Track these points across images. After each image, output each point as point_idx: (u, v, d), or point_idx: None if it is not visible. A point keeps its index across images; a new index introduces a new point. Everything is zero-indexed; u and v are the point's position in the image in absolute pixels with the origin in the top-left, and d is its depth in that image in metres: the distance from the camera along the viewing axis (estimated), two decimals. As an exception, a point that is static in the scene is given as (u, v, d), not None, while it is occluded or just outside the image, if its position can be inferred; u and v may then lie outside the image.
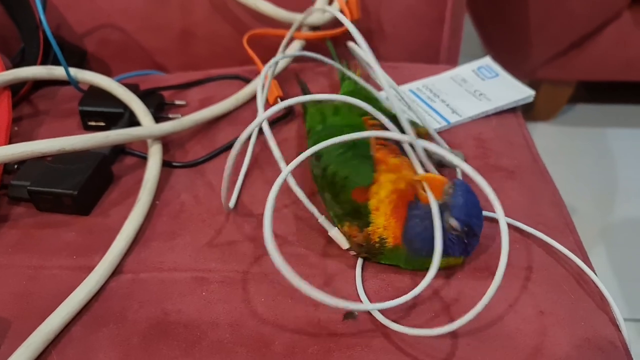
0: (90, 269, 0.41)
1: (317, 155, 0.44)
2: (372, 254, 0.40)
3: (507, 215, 0.45)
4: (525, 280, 0.41)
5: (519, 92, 0.58)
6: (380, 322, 0.37)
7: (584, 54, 1.09)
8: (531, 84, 1.22)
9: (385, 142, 0.43)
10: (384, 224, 0.39)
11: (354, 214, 0.40)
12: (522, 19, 1.06)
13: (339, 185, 0.41)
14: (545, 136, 1.21)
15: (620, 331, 0.39)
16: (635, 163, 1.14)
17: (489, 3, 1.16)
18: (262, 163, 0.51)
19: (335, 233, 0.42)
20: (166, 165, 0.51)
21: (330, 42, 0.61)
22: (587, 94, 1.30)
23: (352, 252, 0.42)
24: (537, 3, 1.03)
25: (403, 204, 0.39)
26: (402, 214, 0.39)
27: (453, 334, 0.37)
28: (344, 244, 0.42)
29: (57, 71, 0.54)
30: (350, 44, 0.54)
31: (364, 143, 0.43)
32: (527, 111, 1.24)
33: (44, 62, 0.60)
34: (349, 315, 0.38)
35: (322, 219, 0.42)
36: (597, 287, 0.41)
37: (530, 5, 1.04)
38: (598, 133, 1.21)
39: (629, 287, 0.91)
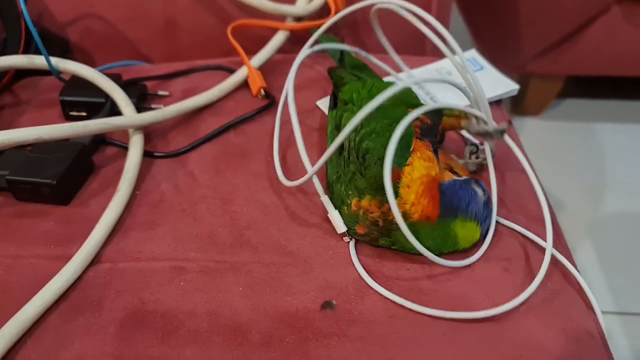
0: (68, 258, 0.41)
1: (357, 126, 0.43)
2: (382, 231, 0.40)
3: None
4: (503, 271, 0.41)
5: (503, 85, 0.58)
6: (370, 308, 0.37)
7: (573, 49, 1.09)
8: (521, 79, 1.24)
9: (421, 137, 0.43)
10: (412, 200, 0.39)
11: (379, 189, 0.40)
12: (512, 12, 1.06)
13: (370, 160, 0.41)
14: (534, 130, 1.22)
15: (598, 322, 0.39)
16: (623, 158, 1.14)
17: (478, -3, 1.16)
18: (246, 154, 0.51)
19: (335, 214, 0.42)
20: (148, 155, 0.50)
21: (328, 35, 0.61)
22: (576, 89, 1.30)
23: (346, 238, 0.42)
24: (526, -3, 1.03)
25: (434, 187, 0.40)
26: (434, 194, 0.40)
27: (424, 324, 0.37)
28: (340, 227, 0.42)
29: (38, 60, 0.53)
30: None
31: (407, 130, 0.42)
32: (517, 105, 1.25)
33: (26, 52, 0.59)
34: (326, 305, 0.38)
35: (324, 198, 0.42)
36: (575, 278, 0.41)
37: (519, 0, 1.04)
38: (587, 128, 1.22)
39: (616, 280, 0.91)
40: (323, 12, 0.62)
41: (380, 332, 0.37)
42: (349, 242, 0.42)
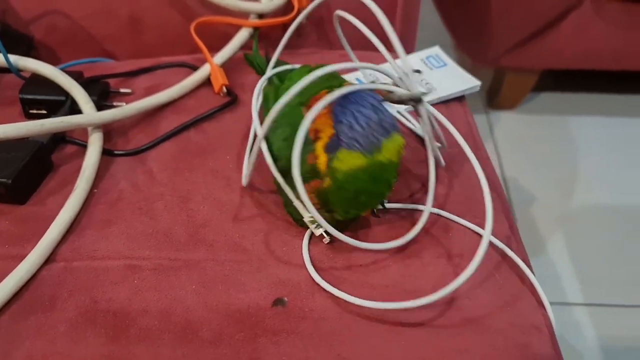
0: (22, 257, 0.41)
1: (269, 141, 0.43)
2: (321, 196, 0.40)
3: (440, 203, 0.46)
4: (455, 267, 0.41)
5: (465, 81, 0.58)
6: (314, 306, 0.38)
7: (546, 43, 1.10)
8: (496, 73, 1.24)
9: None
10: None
11: (313, 174, 0.40)
12: (484, 7, 1.07)
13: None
14: (509, 124, 1.23)
15: (547, 315, 0.40)
16: (596, 150, 1.16)
17: (451, -9, 1.16)
18: (205, 152, 0.51)
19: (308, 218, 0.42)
20: (107, 153, 0.50)
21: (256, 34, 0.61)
22: (551, 82, 1.31)
23: (325, 240, 0.42)
24: (498, -9, 1.04)
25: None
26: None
27: (372, 321, 0.38)
28: (316, 230, 0.42)
29: (-3, 58, 0.53)
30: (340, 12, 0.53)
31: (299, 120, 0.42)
32: (493, 99, 1.26)
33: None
34: (278, 302, 0.39)
35: (296, 203, 0.42)
36: (524, 273, 0.42)
37: (492, -6, 1.04)
38: (561, 121, 1.23)
39: (586, 272, 0.93)
40: (287, 9, 0.63)
41: (330, 328, 0.37)
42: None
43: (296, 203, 0.42)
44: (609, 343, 0.84)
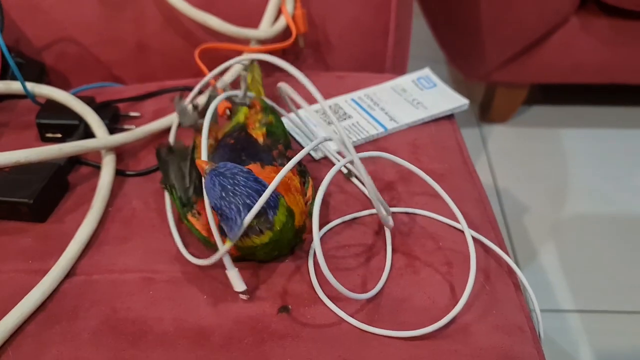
0: (45, 272, 0.44)
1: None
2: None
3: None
4: (445, 273, 0.45)
5: (453, 101, 0.62)
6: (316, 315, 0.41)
7: (535, 58, 1.14)
8: (488, 87, 1.28)
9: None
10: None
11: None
12: (474, 24, 1.11)
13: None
14: (501, 137, 1.26)
15: (530, 317, 0.43)
16: (586, 162, 1.19)
17: (442, 9, 1.20)
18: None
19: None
20: (120, 174, 0.54)
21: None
22: (542, 96, 1.35)
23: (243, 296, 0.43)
24: (487, 9, 1.08)
25: None
26: None
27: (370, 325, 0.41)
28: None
29: (14, 86, 0.57)
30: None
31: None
32: (484, 113, 1.29)
33: (3, 77, 0.63)
34: (283, 309, 0.42)
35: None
36: (516, 276, 0.45)
37: (481, 11, 1.08)
38: (552, 134, 1.27)
39: (577, 280, 0.96)
40: (285, 35, 0.66)
41: (331, 333, 0.40)
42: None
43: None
44: (600, 349, 0.87)
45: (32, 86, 0.57)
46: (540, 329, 0.46)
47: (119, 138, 0.54)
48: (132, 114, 0.61)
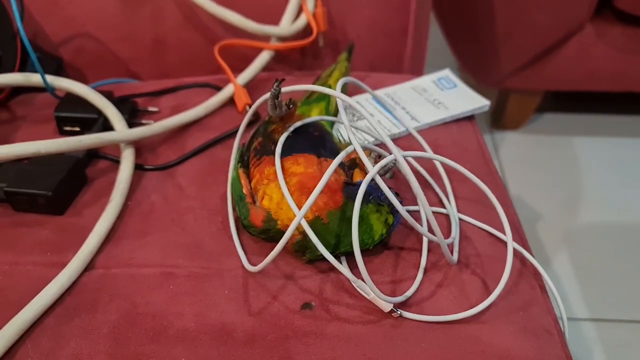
0: (63, 265, 0.43)
1: None
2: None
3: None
4: (471, 274, 0.44)
5: (474, 101, 0.61)
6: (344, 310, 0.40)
7: (549, 65, 1.13)
8: (501, 94, 1.28)
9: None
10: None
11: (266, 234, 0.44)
12: (489, 31, 1.10)
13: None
14: (514, 144, 1.26)
15: (557, 320, 0.42)
16: (599, 171, 1.18)
17: (456, 16, 1.20)
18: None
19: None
20: (138, 168, 0.53)
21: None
22: (555, 103, 1.34)
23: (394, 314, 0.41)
24: (502, 16, 1.07)
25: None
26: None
27: (394, 323, 0.40)
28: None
29: (34, 78, 0.56)
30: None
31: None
32: (497, 120, 1.29)
33: (21, 70, 0.62)
34: (306, 305, 0.41)
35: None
36: (541, 278, 0.44)
37: (495, 18, 1.08)
38: (564, 141, 1.26)
39: (590, 288, 0.95)
40: (306, 32, 0.66)
41: (355, 331, 0.40)
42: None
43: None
44: (615, 358, 0.86)
45: (51, 79, 0.57)
46: (566, 334, 0.45)
47: (139, 132, 0.53)
48: (151, 109, 0.60)
